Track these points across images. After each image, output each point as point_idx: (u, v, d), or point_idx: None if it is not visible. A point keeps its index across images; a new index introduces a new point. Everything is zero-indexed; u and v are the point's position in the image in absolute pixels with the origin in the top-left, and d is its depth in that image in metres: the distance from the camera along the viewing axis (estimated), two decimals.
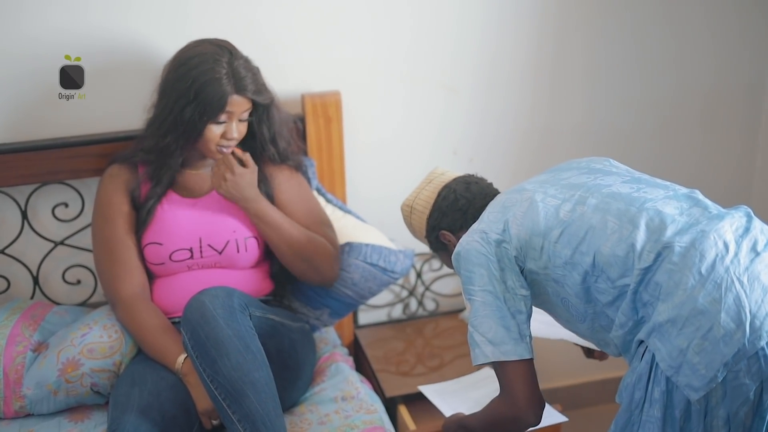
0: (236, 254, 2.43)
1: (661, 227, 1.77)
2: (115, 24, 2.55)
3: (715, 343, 1.66)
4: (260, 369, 2.10)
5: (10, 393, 2.30)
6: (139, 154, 2.42)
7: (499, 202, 1.99)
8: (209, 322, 2.10)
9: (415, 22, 2.80)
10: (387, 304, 3.05)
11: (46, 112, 2.56)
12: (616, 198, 1.85)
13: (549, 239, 1.87)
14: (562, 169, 2.05)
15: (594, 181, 1.93)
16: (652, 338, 1.74)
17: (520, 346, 1.88)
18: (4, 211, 2.61)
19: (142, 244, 2.41)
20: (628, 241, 1.78)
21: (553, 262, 1.87)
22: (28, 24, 2.49)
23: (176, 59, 2.34)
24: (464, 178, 2.15)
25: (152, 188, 2.41)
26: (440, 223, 2.11)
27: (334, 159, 2.75)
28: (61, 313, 2.51)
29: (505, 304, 1.89)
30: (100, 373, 2.29)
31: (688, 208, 1.81)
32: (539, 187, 1.96)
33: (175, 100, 2.30)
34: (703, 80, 3.12)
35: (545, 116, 3.01)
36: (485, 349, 1.89)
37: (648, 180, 1.93)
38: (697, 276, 1.70)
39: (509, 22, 2.88)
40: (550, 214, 1.89)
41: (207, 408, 2.20)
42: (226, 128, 2.33)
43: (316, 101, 2.69)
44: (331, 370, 2.51)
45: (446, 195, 2.12)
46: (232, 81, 2.29)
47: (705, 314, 1.68)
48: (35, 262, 2.66)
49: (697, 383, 1.68)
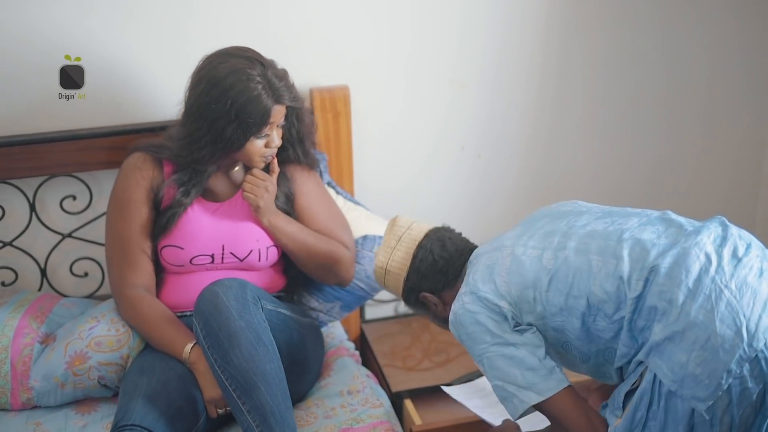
0: (257, 262, 2.41)
1: (643, 254, 1.80)
2: (118, 23, 2.55)
3: (715, 352, 1.69)
4: (271, 361, 2.10)
5: (18, 385, 2.30)
6: (166, 151, 2.37)
7: (481, 262, 1.99)
8: (222, 313, 2.10)
9: (424, 18, 2.80)
10: (394, 299, 3.05)
11: (54, 105, 2.56)
12: (594, 236, 1.88)
13: (539, 289, 1.89)
14: (534, 219, 2.05)
15: (568, 224, 1.95)
16: (652, 357, 1.76)
17: (552, 378, 1.88)
18: (13, 204, 2.61)
19: (160, 245, 2.37)
20: (615, 275, 1.81)
21: (548, 310, 1.88)
22: (33, 19, 2.49)
23: (205, 80, 2.24)
24: (437, 234, 2.13)
25: (178, 198, 2.35)
26: (420, 285, 2.11)
27: (342, 153, 2.75)
28: (68, 305, 2.51)
29: (521, 347, 1.89)
30: (108, 366, 2.30)
31: (664, 230, 1.85)
32: (517, 241, 1.97)
33: (212, 121, 2.24)
34: (706, 79, 3.11)
35: (552, 111, 3.01)
36: (522, 396, 1.87)
37: (619, 211, 1.96)
38: (686, 291, 1.73)
39: (516, 17, 2.87)
40: (534, 265, 1.90)
41: (214, 396, 2.20)
42: (268, 138, 2.31)
43: (324, 95, 2.69)
44: (338, 365, 2.51)
45: (423, 257, 2.10)
46: (270, 93, 2.24)
47: (700, 326, 1.70)
48: (43, 255, 2.67)
49: (702, 394, 1.70)
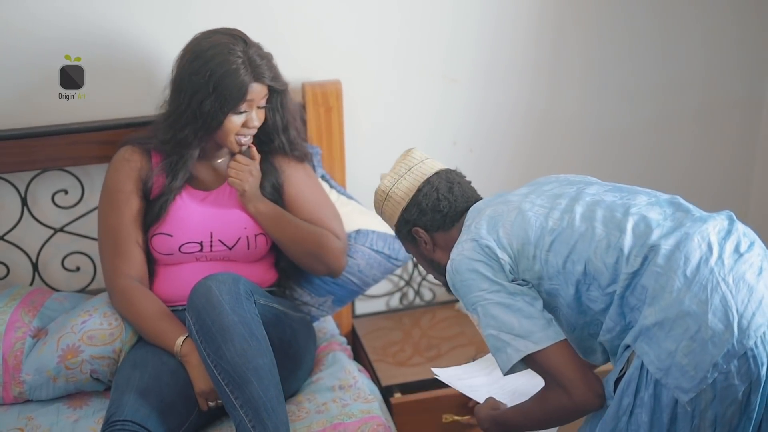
0: (246, 250, 2.42)
1: (646, 231, 1.78)
2: (116, 20, 2.55)
3: (704, 344, 1.67)
4: (264, 356, 2.11)
5: (9, 379, 2.30)
6: (153, 141, 2.39)
7: (485, 213, 1.95)
8: (215, 307, 2.11)
9: (416, 12, 2.80)
10: (385, 294, 3.06)
11: (47, 99, 2.56)
12: (601, 206, 1.86)
13: (540, 247, 1.86)
14: (542, 182, 2.03)
15: (577, 191, 1.93)
16: (639, 342, 1.74)
17: (549, 330, 1.83)
18: (4, 198, 2.62)
19: (151, 233, 2.39)
20: (616, 247, 1.79)
21: (546, 271, 1.86)
22: (33, 18, 2.49)
23: (189, 52, 2.31)
24: (446, 175, 2.08)
25: (167, 184, 2.38)
26: (417, 219, 2.06)
27: (334, 147, 2.75)
28: (60, 299, 2.51)
29: (518, 296, 1.85)
30: (100, 360, 2.30)
31: (671, 213, 1.83)
32: (524, 198, 1.94)
33: (192, 93, 2.28)
34: (700, 75, 3.12)
35: (544, 107, 3.02)
36: (517, 345, 1.82)
37: (629, 188, 1.94)
38: (683, 278, 1.71)
39: (509, 11, 2.88)
40: (540, 222, 1.87)
41: (204, 389, 2.20)
42: (246, 117, 2.32)
43: (316, 90, 2.69)
44: (329, 360, 2.52)
45: (428, 192, 2.05)
46: (250, 69, 2.27)
47: (692, 316, 1.69)
48: (35, 249, 2.67)
49: (686, 385, 1.69)
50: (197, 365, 2.22)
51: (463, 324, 2.97)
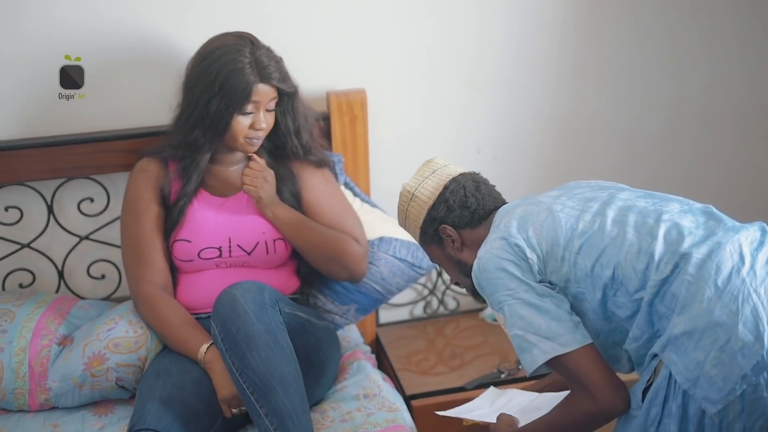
0: (265, 255, 2.43)
1: (678, 239, 1.77)
2: (131, 20, 2.57)
3: (733, 355, 1.65)
4: (289, 364, 2.11)
5: (35, 386, 2.31)
6: (168, 149, 2.42)
7: (514, 212, 1.94)
8: (240, 316, 2.11)
9: (439, 21, 2.80)
10: (409, 303, 3.05)
11: (71, 107, 2.58)
12: (633, 211, 1.84)
13: (570, 250, 1.84)
14: (573, 187, 2.02)
15: (609, 195, 1.91)
16: (667, 351, 1.73)
17: (577, 333, 1.81)
18: (31, 206, 2.63)
19: (171, 240, 2.41)
20: (647, 252, 1.77)
21: (574, 273, 1.84)
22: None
23: (199, 54, 2.35)
24: (472, 176, 2.08)
25: (183, 187, 2.40)
26: (445, 217, 2.03)
27: (358, 156, 2.75)
28: (86, 307, 2.52)
29: (547, 297, 1.83)
30: (125, 368, 2.31)
31: (704, 221, 1.81)
32: (555, 200, 1.93)
33: (199, 94, 2.30)
34: (736, 79, 3.10)
35: (568, 114, 3.00)
36: (544, 347, 1.80)
37: (661, 195, 1.93)
38: (714, 288, 1.70)
39: (532, 20, 2.87)
40: (570, 224, 1.86)
41: (227, 396, 2.20)
42: (253, 119, 2.33)
43: (341, 99, 2.69)
44: (354, 368, 2.51)
45: (455, 189, 2.03)
46: (256, 70, 2.28)
47: (722, 326, 1.67)
48: (60, 257, 2.68)
49: (714, 396, 1.67)
50: (220, 372, 2.22)
51: (487, 333, 2.95)
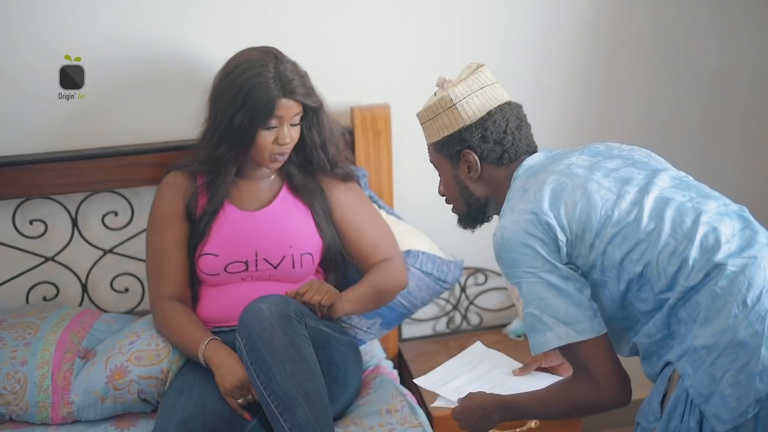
0: (291, 269, 2.43)
1: (715, 246, 1.72)
2: (158, 35, 2.58)
3: (751, 378, 1.63)
4: (314, 379, 2.10)
5: (58, 399, 2.31)
6: (195, 164, 2.42)
7: (547, 182, 1.84)
8: (266, 329, 2.10)
9: (463, 37, 2.80)
10: (432, 318, 3.04)
11: (95, 121, 2.60)
12: (671, 206, 1.78)
13: (602, 238, 1.78)
14: (604, 155, 1.92)
15: (646, 179, 1.84)
16: (683, 362, 1.70)
17: (595, 321, 1.78)
18: (55, 219, 2.64)
19: (197, 254, 2.41)
20: (681, 256, 1.73)
21: (601, 262, 1.79)
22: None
23: (224, 69, 2.36)
24: (517, 110, 1.99)
25: (209, 201, 2.41)
26: (476, 144, 1.94)
27: (382, 171, 2.75)
28: (109, 320, 2.53)
29: (570, 281, 1.79)
30: (148, 380, 2.30)
31: (740, 229, 1.77)
32: (590, 175, 1.84)
33: (224, 108, 2.31)
34: (757, 95, 3.09)
35: (593, 126, 2.99)
36: (558, 331, 1.76)
37: (698, 187, 1.86)
38: (742, 306, 1.67)
39: (557, 37, 2.87)
40: (606, 210, 1.79)
41: (228, 388, 2.19)
42: (277, 133, 2.33)
43: (365, 114, 2.70)
44: (376, 383, 2.50)
45: (498, 121, 1.94)
46: (280, 84, 2.29)
47: (745, 347, 1.64)
48: (84, 270, 2.69)
49: (725, 415, 1.64)
50: (220, 364, 2.21)
51: (510, 348, 2.91)
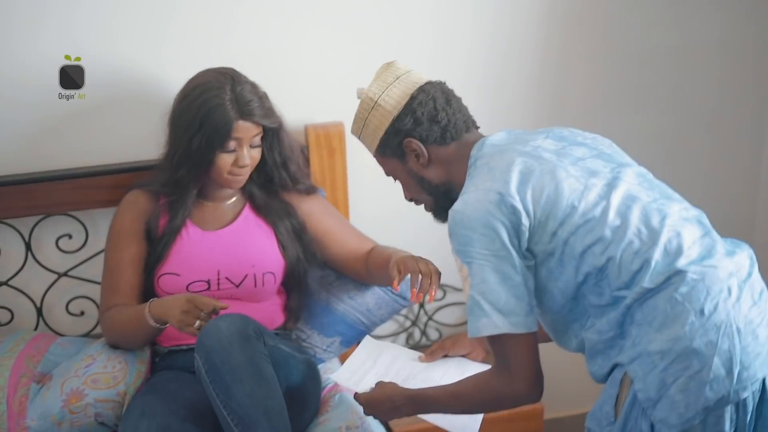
0: (253, 288, 2.42)
1: (677, 252, 1.74)
2: (111, 58, 2.57)
3: (702, 386, 1.65)
4: (274, 397, 2.09)
5: (14, 425, 2.28)
6: (157, 185, 2.42)
7: (514, 162, 1.82)
8: (225, 347, 2.09)
9: (417, 56, 2.81)
10: (391, 334, 3.04)
11: (48, 143, 2.58)
12: (638, 204, 1.79)
13: (565, 227, 1.78)
14: (569, 141, 1.92)
15: (613, 173, 1.84)
16: (635, 365, 1.71)
17: (530, 318, 1.78)
18: (9, 243, 2.61)
19: (157, 274, 2.39)
20: (644, 257, 1.73)
21: (561, 251, 1.78)
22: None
23: (182, 91, 2.35)
24: (440, 86, 1.97)
25: (170, 221, 2.40)
26: (411, 129, 1.93)
27: (337, 189, 2.75)
28: (64, 344, 2.50)
29: (519, 273, 1.78)
30: (105, 404, 2.28)
31: (700, 236, 1.78)
32: (558, 160, 1.83)
33: (183, 131, 2.31)
34: (715, 78, 3.12)
35: (547, 113, 2.99)
36: (495, 320, 1.76)
37: (660, 187, 1.87)
38: (699, 314, 1.69)
39: (512, 56, 2.90)
40: (572, 201, 1.78)
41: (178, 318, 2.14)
42: (237, 155, 2.32)
43: (319, 132, 2.70)
44: (336, 401, 2.49)
45: (423, 101, 1.93)
46: (237, 106, 2.28)
47: (698, 355, 1.66)
48: (39, 294, 2.66)
49: (673, 420, 1.67)
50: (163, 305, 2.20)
51: None
